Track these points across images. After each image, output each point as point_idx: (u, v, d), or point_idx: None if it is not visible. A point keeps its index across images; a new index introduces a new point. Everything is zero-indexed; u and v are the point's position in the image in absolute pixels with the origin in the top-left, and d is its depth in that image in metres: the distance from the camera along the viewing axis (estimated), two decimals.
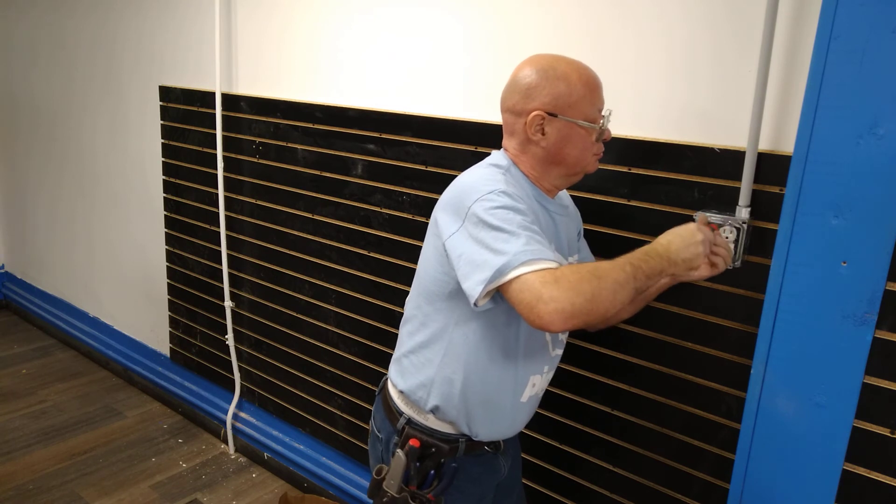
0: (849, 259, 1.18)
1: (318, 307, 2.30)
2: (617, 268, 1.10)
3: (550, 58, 1.28)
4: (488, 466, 1.42)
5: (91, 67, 3.06)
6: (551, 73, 1.25)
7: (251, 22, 2.31)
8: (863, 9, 1.11)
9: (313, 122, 2.17)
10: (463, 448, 1.35)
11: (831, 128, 1.17)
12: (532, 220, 1.16)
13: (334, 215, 2.17)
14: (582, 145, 1.27)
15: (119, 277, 3.26)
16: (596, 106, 1.28)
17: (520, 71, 1.29)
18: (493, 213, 1.13)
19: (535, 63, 1.28)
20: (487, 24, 1.72)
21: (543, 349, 1.36)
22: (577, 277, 1.06)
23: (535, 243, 1.10)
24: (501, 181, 1.20)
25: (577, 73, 1.26)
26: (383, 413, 1.43)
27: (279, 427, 2.59)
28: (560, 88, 1.24)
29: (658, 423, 1.58)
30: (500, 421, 1.36)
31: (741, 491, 1.38)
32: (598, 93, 1.28)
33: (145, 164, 2.89)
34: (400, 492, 1.32)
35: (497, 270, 1.08)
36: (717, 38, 1.37)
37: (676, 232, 1.22)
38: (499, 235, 1.11)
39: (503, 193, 1.15)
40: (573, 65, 1.27)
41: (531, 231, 1.12)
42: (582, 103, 1.25)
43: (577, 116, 1.25)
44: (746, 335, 1.40)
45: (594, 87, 1.27)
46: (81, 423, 2.92)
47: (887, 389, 1.21)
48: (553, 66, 1.26)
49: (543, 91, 1.25)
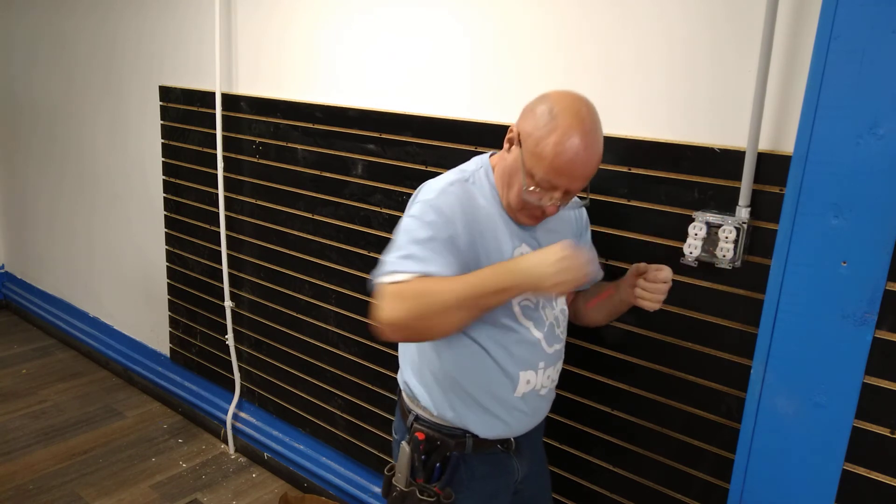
0: (849, 259, 1.18)
1: (318, 307, 2.30)
2: (451, 288, 1.16)
3: (566, 101, 1.21)
4: (499, 467, 1.41)
5: (91, 67, 3.06)
6: (547, 112, 1.20)
7: (251, 22, 2.31)
8: (863, 9, 1.11)
9: (313, 122, 2.17)
10: (471, 445, 1.36)
11: (831, 128, 1.17)
12: (444, 237, 1.20)
13: (334, 215, 2.17)
14: (517, 189, 1.25)
15: (119, 277, 3.26)
16: (546, 178, 1.21)
17: (543, 97, 1.24)
18: (407, 221, 1.24)
19: (551, 95, 1.23)
20: (488, 24, 1.72)
21: (534, 346, 1.35)
22: (409, 295, 1.15)
23: (409, 260, 1.18)
24: (442, 192, 1.25)
25: (561, 143, 1.17)
26: (399, 415, 1.46)
27: (279, 427, 2.59)
28: (538, 134, 1.20)
29: (658, 423, 1.57)
30: (493, 417, 1.36)
31: (741, 491, 1.38)
32: (557, 173, 1.20)
33: (145, 164, 2.89)
34: (408, 485, 1.34)
35: (378, 274, 1.20)
36: (718, 38, 1.37)
37: (543, 249, 1.21)
38: (395, 243, 1.23)
39: (429, 206, 1.23)
40: (570, 132, 1.17)
41: (420, 245, 1.19)
42: (537, 164, 1.20)
43: (527, 162, 1.22)
44: (746, 335, 1.40)
45: (558, 167, 1.19)
46: (81, 423, 2.92)
47: (887, 389, 1.21)
48: (555, 108, 1.19)
49: (529, 120, 1.22)
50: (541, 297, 1.34)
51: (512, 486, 1.45)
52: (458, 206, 1.24)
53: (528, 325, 1.33)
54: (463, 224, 1.24)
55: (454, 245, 1.22)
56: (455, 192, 1.26)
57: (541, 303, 1.35)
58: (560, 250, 1.16)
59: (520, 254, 1.31)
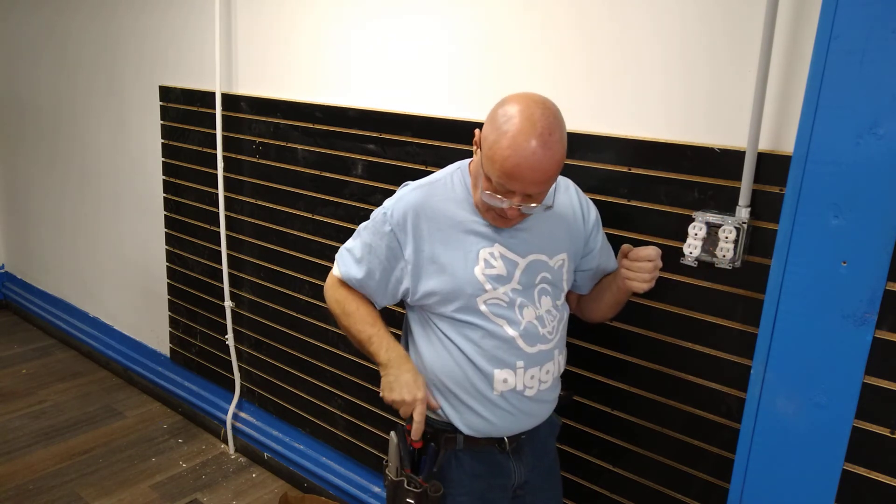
0: (849, 259, 1.18)
1: (318, 307, 2.30)
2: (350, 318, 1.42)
3: (523, 111, 1.19)
4: (494, 467, 1.41)
5: (92, 67, 3.06)
6: (503, 121, 1.19)
7: (251, 22, 2.31)
8: (863, 9, 1.11)
9: (313, 122, 2.17)
10: (462, 441, 1.38)
11: (831, 128, 1.17)
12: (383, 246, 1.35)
13: (334, 215, 2.17)
14: (480, 188, 1.27)
15: (119, 277, 3.26)
16: (500, 182, 1.21)
17: (504, 99, 1.25)
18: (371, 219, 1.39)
19: (512, 103, 1.21)
20: (488, 24, 1.72)
21: (508, 343, 1.34)
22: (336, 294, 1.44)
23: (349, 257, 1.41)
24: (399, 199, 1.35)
25: (511, 147, 1.17)
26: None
27: (279, 427, 2.59)
28: (492, 137, 1.20)
29: (658, 423, 1.57)
30: (474, 414, 1.38)
31: (741, 491, 1.38)
32: (508, 177, 1.20)
33: (145, 164, 2.89)
34: (398, 475, 1.36)
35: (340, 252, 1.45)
36: (717, 38, 1.37)
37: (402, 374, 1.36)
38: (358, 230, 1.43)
39: (382, 213, 1.36)
40: (521, 136, 1.17)
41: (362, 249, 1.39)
42: (492, 168, 1.21)
43: (483, 168, 1.24)
44: (746, 335, 1.40)
45: (508, 171, 1.19)
46: (81, 423, 2.92)
47: (887, 389, 1.21)
48: (514, 117, 1.18)
49: (489, 126, 1.23)
50: (517, 296, 1.35)
51: (509, 489, 1.44)
52: (410, 213, 1.33)
53: (499, 323, 1.34)
54: (413, 230, 1.33)
55: (391, 254, 1.35)
56: (412, 199, 1.34)
57: (517, 301, 1.35)
58: (400, 391, 1.34)
59: (488, 255, 1.33)
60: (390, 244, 1.34)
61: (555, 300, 1.41)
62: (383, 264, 1.36)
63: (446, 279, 1.32)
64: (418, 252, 1.33)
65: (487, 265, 1.33)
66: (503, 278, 1.34)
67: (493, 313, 1.33)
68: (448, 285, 1.32)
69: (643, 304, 1.55)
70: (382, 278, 1.37)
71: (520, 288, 1.35)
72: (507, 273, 1.34)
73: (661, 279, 1.50)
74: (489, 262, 1.33)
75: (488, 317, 1.33)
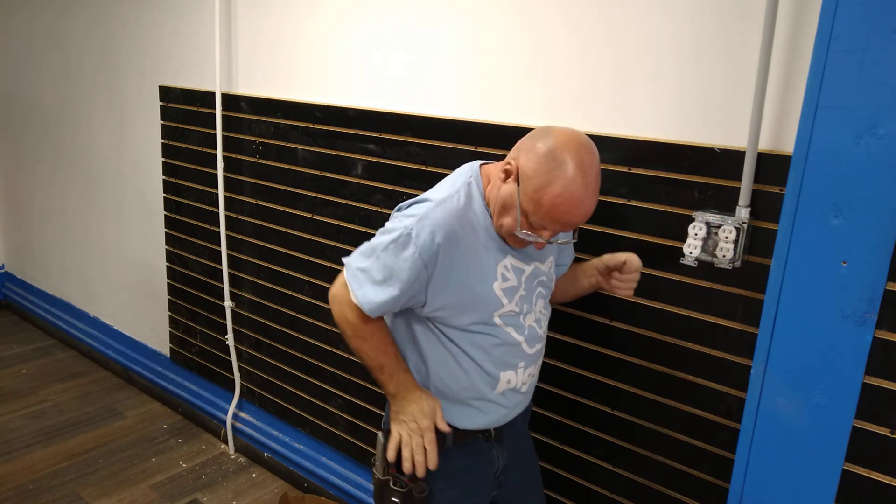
0: (849, 259, 1.18)
1: (318, 307, 2.30)
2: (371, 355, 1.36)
3: (569, 149, 1.18)
4: (479, 457, 1.44)
5: (91, 67, 3.06)
6: (552, 165, 1.18)
7: (251, 22, 2.31)
8: (863, 9, 1.11)
9: (313, 122, 2.17)
10: (451, 438, 1.39)
11: (831, 128, 1.17)
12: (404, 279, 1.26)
13: (334, 215, 2.17)
14: (508, 223, 1.27)
15: (119, 277, 3.26)
16: (541, 223, 1.23)
17: (548, 134, 1.22)
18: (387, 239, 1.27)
19: (555, 138, 1.20)
20: (489, 24, 1.72)
21: (515, 347, 1.38)
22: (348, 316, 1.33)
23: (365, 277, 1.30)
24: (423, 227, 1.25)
25: (562, 196, 1.18)
26: (386, 408, 1.48)
27: (279, 427, 2.59)
28: (538, 180, 1.19)
29: (658, 423, 1.57)
30: (475, 410, 1.40)
31: (741, 491, 1.38)
32: (553, 220, 1.22)
33: (145, 164, 2.89)
34: (384, 473, 1.38)
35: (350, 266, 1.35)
36: (717, 37, 1.37)
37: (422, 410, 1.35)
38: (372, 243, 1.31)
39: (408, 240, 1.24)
40: (572, 185, 1.17)
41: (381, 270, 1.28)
42: (535, 210, 1.21)
43: (523, 204, 1.22)
44: (746, 335, 1.40)
45: (556, 217, 1.20)
46: (81, 423, 2.92)
47: (887, 389, 1.21)
48: (564, 164, 1.17)
49: (530, 162, 1.20)
50: (523, 303, 1.37)
51: (493, 477, 1.47)
52: (438, 234, 1.25)
53: (508, 330, 1.36)
54: (439, 250, 1.25)
55: (414, 276, 1.26)
56: (438, 218, 1.26)
57: (523, 308, 1.37)
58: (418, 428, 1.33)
59: (503, 268, 1.34)
60: (414, 266, 1.25)
61: (546, 300, 1.46)
62: (404, 286, 1.27)
63: (465, 296, 1.31)
64: (441, 270, 1.27)
65: (503, 279, 1.34)
66: (514, 289, 1.35)
67: (504, 323, 1.35)
68: (466, 300, 1.31)
69: (643, 304, 1.55)
70: (400, 298, 1.29)
71: (524, 294, 1.37)
72: (517, 283, 1.36)
73: (660, 279, 1.51)
74: (504, 276, 1.34)
75: (501, 327, 1.35)
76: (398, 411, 1.36)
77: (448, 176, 1.40)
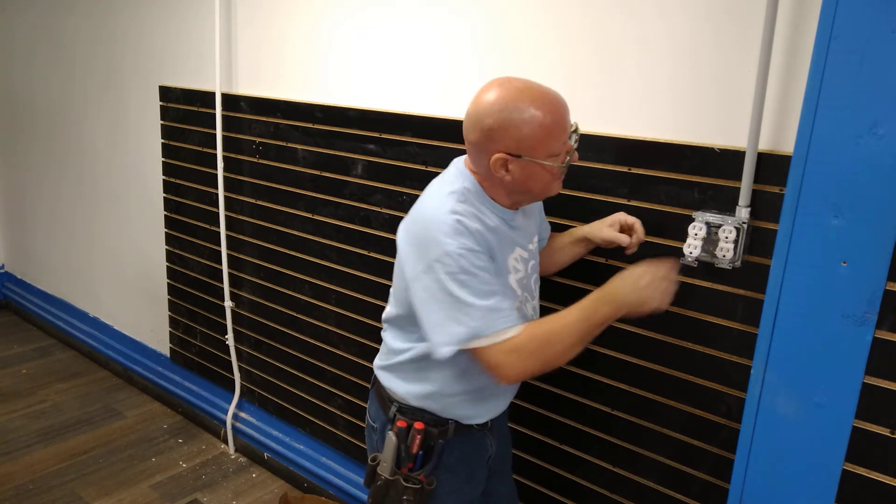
0: (849, 259, 1.18)
1: (318, 307, 2.30)
2: (570, 330, 1.21)
3: (515, 92, 1.20)
4: (476, 445, 1.46)
5: (91, 67, 3.06)
6: (516, 115, 1.19)
7: (251, 22, 2.31)
8: (863, 9, 1.11)
9: (313, 122, 2.17)
10: (453, 429, 1.40)
11: (831, 128, 1.17)
12: (486, 261, 1.21)
13: (334, 215, 2.17)
14: (545, 179, 1.27)
15: (119, 277, 3.26)
16: (561, 139, 1.24)
17: (482, 103, 1.22)
18: (454, 278, 1.18)
19: (498, 99, 1.20)
20: (488, 24, 1.72)
21: None
22: (533, 347, 1.18)
23: (490, 314, 1.18)
24: (459, 226, 1.20)
25: (542, 110, 1.19)
26: (377, 404, 1.48)
27: (279, 427, 2.59)
28: (524, 131, 1.20)
29: (658, 423, 1.57)
30: (490, 405, 1.43)
31: (741, 491, 1.38)
32: (562, 124, 1.23)
33: (145, 164, 2.89)
34: (393, 474, 1.37)
35: (460, 341, 1.19)
36: (718, 37, 1.37)
37: (624, 276, 1.25)
38: (457, 304, 1.18)
39: (462, 252, 1.18)
40: (537, 100, 1.19)
41: (487, 291, 1.19)
42: (546, 143, 1.22)
43: (541, 155, 1.23)
44: (746, 335, 1.40)
45: (558, 121, 1.22)
46: (81, 423, 2.92)
47: (887, 389, 1.21)
48: (517, 104, 1.19)
49: (507, 134, 1.20)
50: (526, 292, 1.38)
51: (486, 463, 1.50)
52: (476, 220, 1.24)
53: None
54: (487, 252, 1.24)
55: (490, 269, 1.22)
56: (467, 209, 1.24)
57: (526, 297, 1.39)
58: (643, 274, 1.23)
59: (514, 260, 1.34)
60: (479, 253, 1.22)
61: (538, 284, 1.48)
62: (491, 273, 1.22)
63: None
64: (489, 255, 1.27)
65: (515, 270, 1.35)
66: (523, 279, 1.37)
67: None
68: None
69: None
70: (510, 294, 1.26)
71: (527, 282, 1.40)
72: (524, 273, 1.37)
73: None
74: (516, 268, 1.35)
75: None
76: (636, 304, 1.24)
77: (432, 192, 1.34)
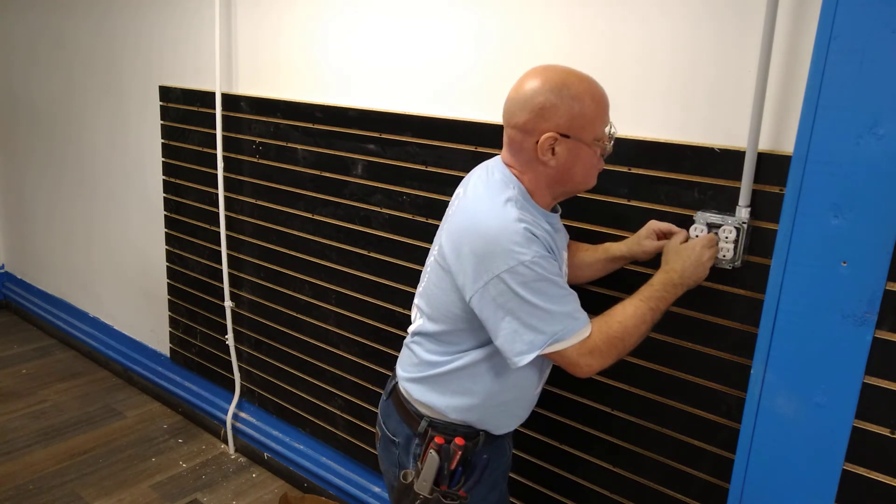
0: (849, 259, 1.18)
1: (318, 307, 2.30)
2: (643, 321, 1.25)
3: (562, 73, 1.24)
4: (499, 452, 1.46)
5: (91, 67, 3.06)
6: (566, 93, 1.22)
7: (251, 22, 2.31)
8: (863, 9, 1.11)
9: (313, 122, 2.17)
10: (482, 440, 1.39)
11: (831, 128, 1.17)
12: (557, 265, 1.23)
13: (334, 215, 2.17)
14: (590, 164, 1.29)
15: (119, 277, 3.26)
16: (606, 121, 1.28)
17: (528, 86, 1.24)
18: (528, 287, 1.18)
19: (546, 79, 1.23)
20: (489, 23, 1.72)
21: None
22: (608, 346, 1.22)
23: (568, 318, 1.20)
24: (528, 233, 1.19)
25: (590, 92, 1.24)
26: (398, 417, 1.43)
27: (279, 427, 2.59)
28: (575, 109, 1.22)
29: (658, 423, 1.57)
30: (523, 414, 1.45)
31: (741, 491, 1.38)
32: (607, 111, 1.28)
33: (145, 164, 2.89)
34: (432, 492, 1.33)
35: (539, 347, 1.21)
36: (718, 38, 1.37)
37: (685, 257, 1.30)
38: (535, 312, 1.19)
39: (535, 261, 1.17)
40: (585, 82, 1.24)
41: (562, 295, 1.21)
42: (594, 124, 1.25)
43: (589, 137, 1.25)
44: (746, 335, 1.40)
45: (605, 106, 1.27)
46: (81, 423, 2.92)
47: (887, 389, 1.21)
48: (567, 83, 1.22)
49: (559, 112, 1.22)
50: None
51: (507, 469, 1.52)
52: (535, 225, 1.23)
53: None
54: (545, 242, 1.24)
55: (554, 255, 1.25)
56: (525, 216, 1.22)
57: None
58: (701, 251, 1.30)
59: (563, 262, 1.36)
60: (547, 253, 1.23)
61: None
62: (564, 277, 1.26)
63: None
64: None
65: (563, 274, 1.35)
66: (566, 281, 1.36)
67: None
68: None
69: None
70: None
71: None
72: (566, 275, 1.39)
73: None
74: (564, 270, 1.36)
75: None
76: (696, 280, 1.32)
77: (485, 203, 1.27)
